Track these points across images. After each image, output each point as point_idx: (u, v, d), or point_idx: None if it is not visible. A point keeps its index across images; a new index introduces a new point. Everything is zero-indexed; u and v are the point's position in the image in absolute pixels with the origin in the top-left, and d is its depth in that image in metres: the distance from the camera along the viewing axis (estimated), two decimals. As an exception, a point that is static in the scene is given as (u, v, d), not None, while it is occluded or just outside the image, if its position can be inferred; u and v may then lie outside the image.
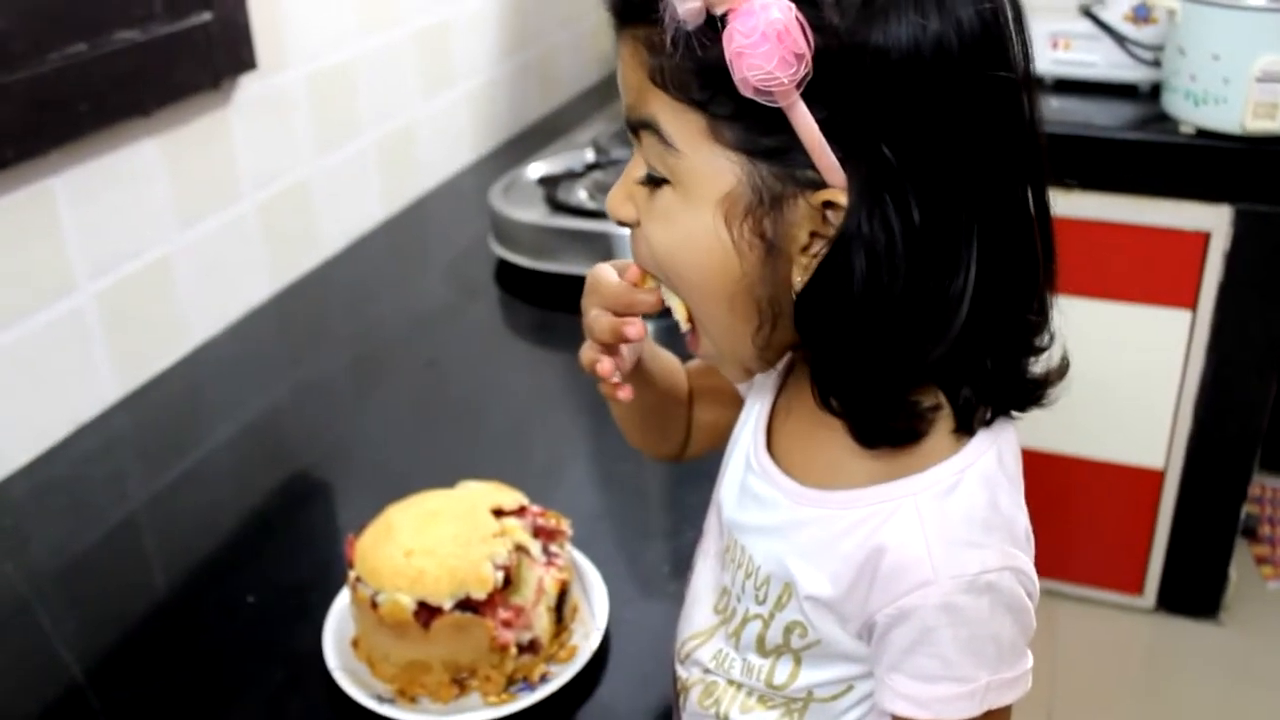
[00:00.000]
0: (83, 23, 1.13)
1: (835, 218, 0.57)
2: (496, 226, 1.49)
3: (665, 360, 0.83)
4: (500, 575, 0.81)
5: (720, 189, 0.59)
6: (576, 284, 1.36)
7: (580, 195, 1.52)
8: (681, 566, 0.94)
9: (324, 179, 1.54)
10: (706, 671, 0.74)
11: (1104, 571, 2.25)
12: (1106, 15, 2.11)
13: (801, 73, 0.53)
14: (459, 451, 1.15)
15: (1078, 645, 2.15)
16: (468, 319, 1.45)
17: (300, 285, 1.50)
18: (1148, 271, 2.02)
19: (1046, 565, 0.63)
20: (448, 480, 0.91)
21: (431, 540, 0.82)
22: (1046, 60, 2.18)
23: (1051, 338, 0.65)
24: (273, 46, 1.40)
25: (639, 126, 0.61)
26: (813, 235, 0.58)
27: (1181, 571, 2.20)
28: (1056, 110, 2.10)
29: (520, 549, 0.84)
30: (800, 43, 0.53)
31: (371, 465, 1.14)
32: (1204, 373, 2.03)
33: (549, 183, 1.53)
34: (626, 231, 0.67)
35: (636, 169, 0.63)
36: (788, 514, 0.67)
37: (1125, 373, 2.09)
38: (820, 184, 0.57)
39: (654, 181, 0.62)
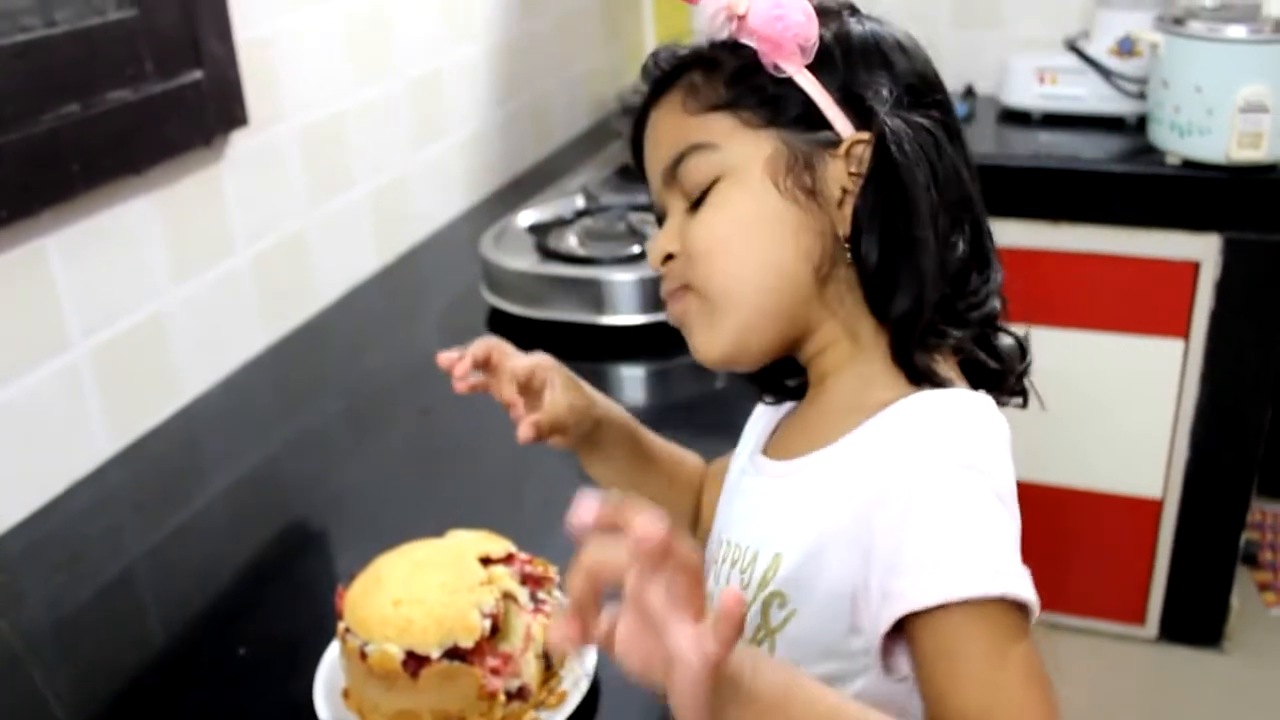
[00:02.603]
0: (75, 83, 1.15)
1: (863, 154, 0.69)
2: (488, 275, 1.51)
3: (664, 448, 0.94)
4: (488, 623, 0.81)
5: (761, 159, 0.70)
6: (568, 331, 1.38)
7: (571, 242, 1.53)
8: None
9: (317, 231, 1.56)
10: None
11: (1106, 602, 2.24)
12: (1091, 49, 2.14)
13: (810, 41, 0.69)
14: (452, 500, 1.16)
15: (1082, 677, 2.14)
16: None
17: (294, 337, 1.51)
18: (1140, 302, 2.03)
19: (1048, 598, 0.62)
20: (441, 529, 0.92)
21: (419, 590, 0.82)
22: (1034, 95, 2.21)
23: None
24: (264, 102, 1.42)
25: (676, 162, 0.72)
26: (845, 190, 0.69)
27: (1183, 600, 2.20)
28: (1045, 144, 2.12)
29: (508, 596, 0.84)
30: (808, 19, 0.69)
31: (365, 515, 1.15)
32: (1199, 401, 2.04)
33: (539, 230, 1.55)
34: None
35: (675, 216, 0.74)
36: (779, 484, 0.73)
37: (1121, 403, 2.10)
38: (839, 141, 0.69)
39: (703, 194, 0.71)
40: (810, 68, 0.70)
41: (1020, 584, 0.59)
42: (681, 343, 0.88)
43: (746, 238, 0.70)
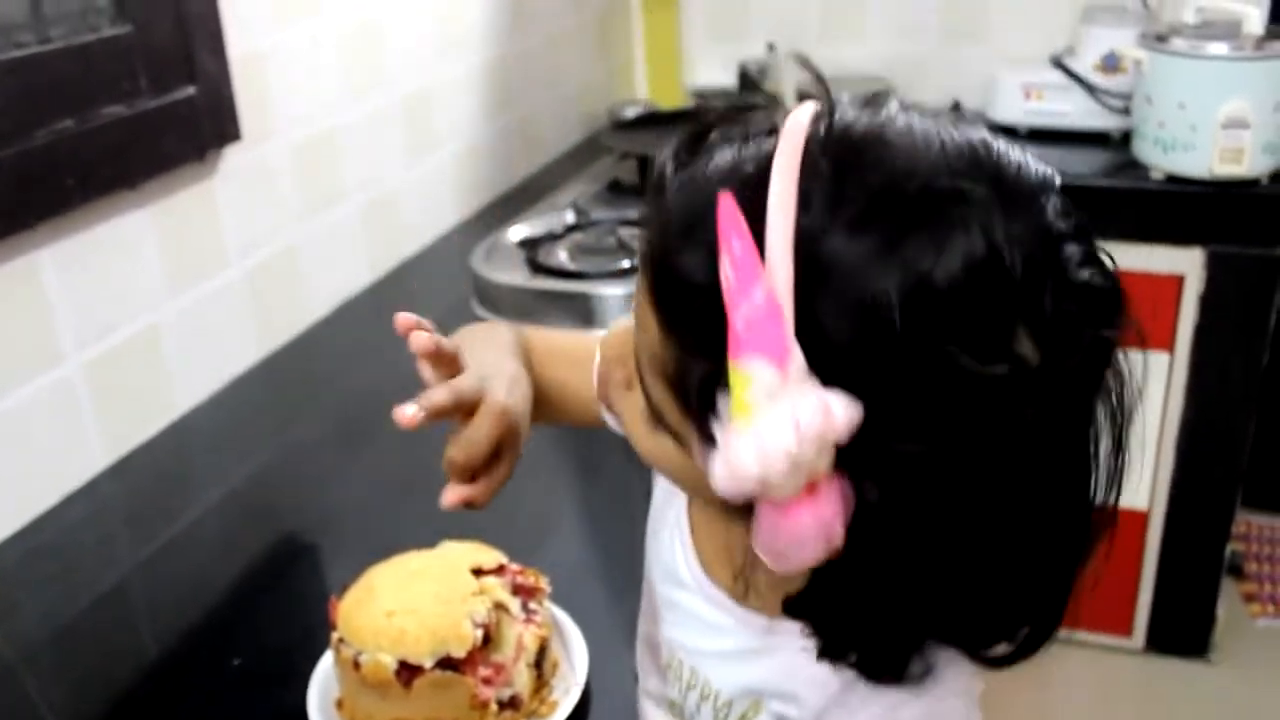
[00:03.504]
0: (70, 98, 1.16)
1: None
2: (479, 289, 1.52)
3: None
4: (480, 633, 0.82)
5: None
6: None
7: (561, 257, 1.54)
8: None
9: (309, 245, 1.57)
10: None
11: (1093, 614, 2.25)
12: (1077, 66, 2.17)
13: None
14: (443, 513, 1.17)
15: (1069, 688, 2.16)
16: (452, 379, 1.47)
17: (287, 350, 1.52)
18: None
19: None
20: (432, 541, 0.93)
21: (412, 600, 0.83)
22: (1021, 110, 2.23)
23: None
24: (257, 117, 1.43)
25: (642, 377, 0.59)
26: None
27: (1170, 612, 2.22)
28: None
29: (499, 607, 0.85)
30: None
31: (357, 528, 1.16)
32: (1184, 413, 2.06)
33: (530, 245, 1.56)
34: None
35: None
36: (747, 642, 0.66)
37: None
38: None
39: (655, 416, 0.59)
40: None
41: None
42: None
43: (681, 481, 0.64)
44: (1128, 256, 2.08)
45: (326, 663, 0.90)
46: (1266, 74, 1.86)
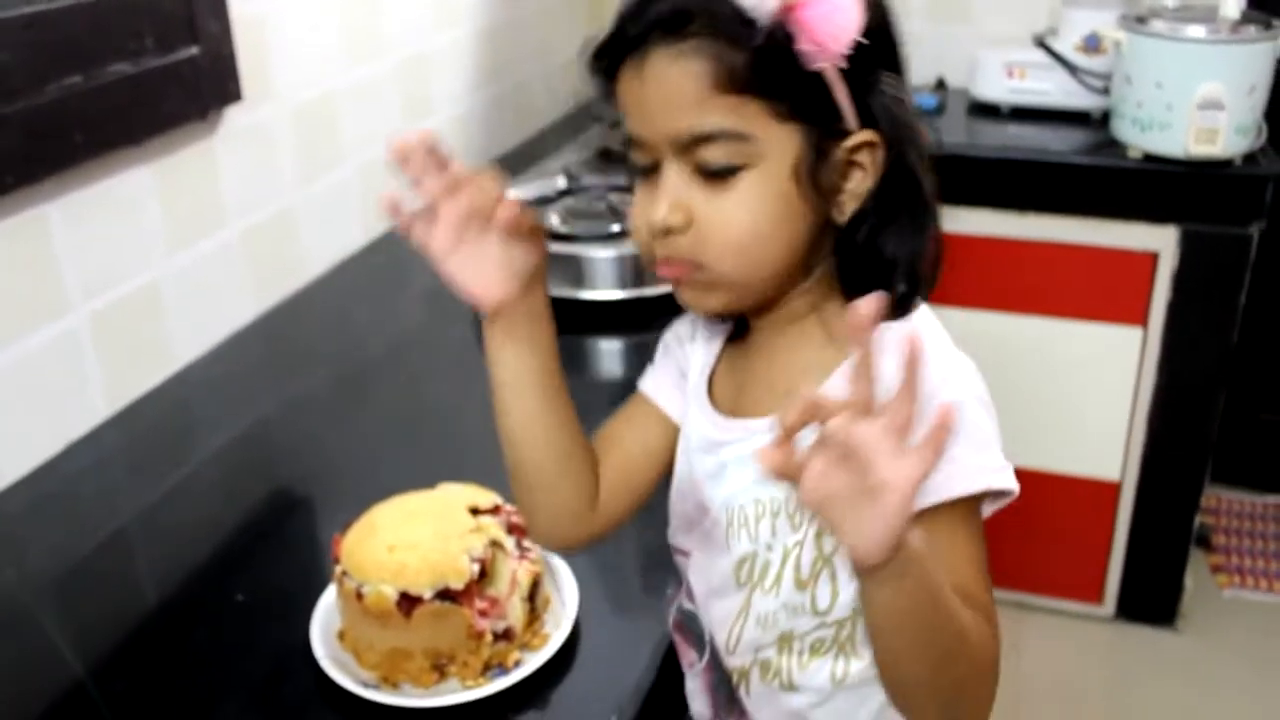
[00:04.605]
0: (78, 56, 1.19)
1: (875, 154, 0.72)
2: (472, 250, 1.55)
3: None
4: (476, 568, 0.87)
5: (791, 157, 0.71)
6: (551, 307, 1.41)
7: (553, 220, 1.58)
8: (647, 561, 1.00)
9: (307, 205, 1.61)
10: (758, 650, 0.81)
11: (1065, 582, 2.32)
12: (1059, 46, 2.20)
13: (850, 42, 0.68)
14: (439, 461, 1.21)
15: (1041, 654, 2.21)
16: (446, 338, 1.51)
17: (284, 307, 1.55)
18: (1100, 290, 2.10)
19: (1010, 577, 0.73)
20: (430, 484, 0.97)
21: (412, 536, 0.88)
22: (1003, 89, 2.27)
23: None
24: (257, 79, 1.46)
25: (701, 139, 0.70)
26: (844, 173, 0.73)
27: (1139, 581, 2.28)
28: (1013, 136, 2.19)
29: (495, 544, 0.90)
30: (857, 22, 0.68)
31: (355, 475, 1.20)
32: (1156, 387, 2.11)
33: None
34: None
35: (677, 178, 0.72)
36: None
37: (1081, 388, 2.17)
38: (843, 134, 0.71)
39: (723, 173, 0.71)
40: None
41: (1006, 476, 0.73)
42: (659, 318, 0.94)
43: (769, 237, 0.73)
44: (1104, 233, 2.14)
45: (328, 597, 0.94)
46: (1241, 57, 1.91)
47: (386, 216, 0.76)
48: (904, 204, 0.74)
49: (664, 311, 0.88)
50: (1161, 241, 2.03)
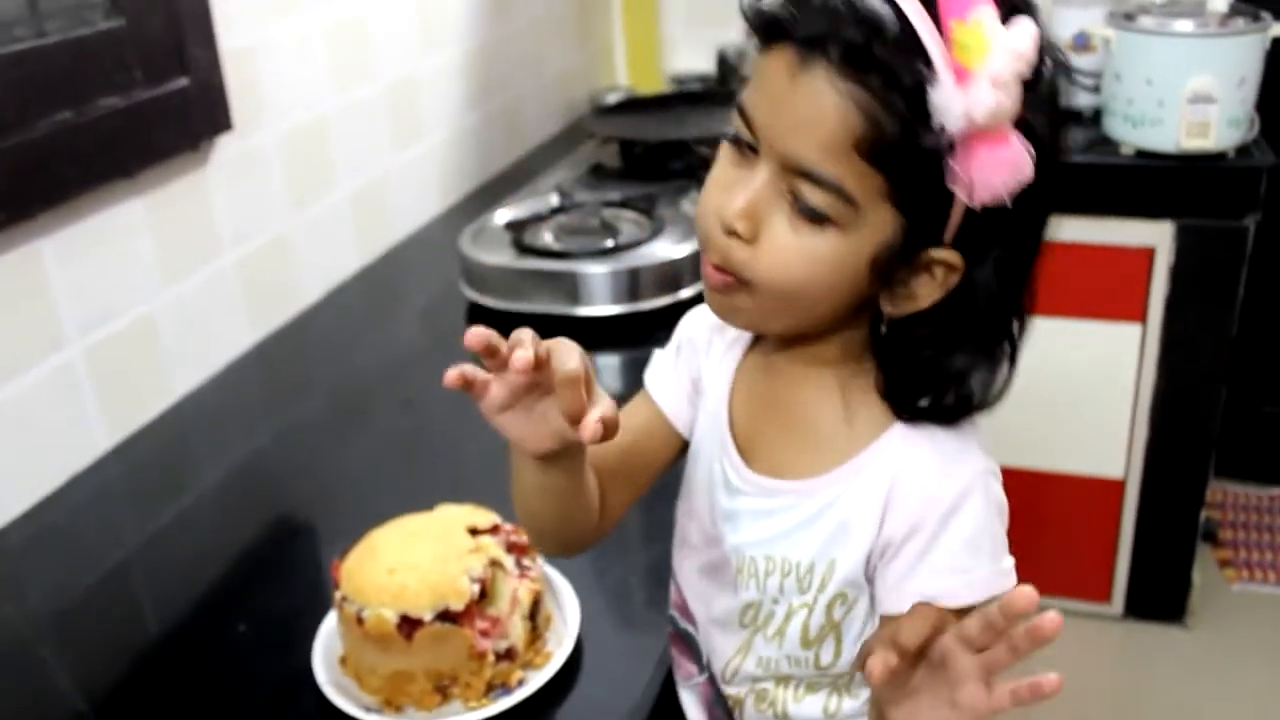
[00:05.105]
0: (66, 91, 1.20)
1: (946, 277, 0.70)
2: (467, 271, 1.56)
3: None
4: (476, 588, 0.87)
5: (881, 240, 0.69)
6: (544, 323, 1.42)
7: (546, 238, 1.58)
8: (648, 576, 1.00)
9: (300, 232, 1.61)
10: (755, 681, 0.83)
11: (1072, 581, 2.31)
12: (1047, 45, 2.20)
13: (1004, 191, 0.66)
14: (436, 485, 1.21)
15: (1050, 655, 2.18)
16: (442, 360, 1.50)
17: (280, 334, 1.56)
18: (1098, 288, 2.10)
19: (1017, 580, 0.74)
20: (429, 507, 0.97)
21: (412, 558, 0.88)
22: (993, 91, 2.27)
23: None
24: (248, 108, 1.47)
25: (814, 179, 0.67)
26: (914, 275, 0.71)
27: (1147, 578, 2.27)
28: (1003, 138, 2.18)
29: (495, 563, 0.90)
30: (1013, 188, 0.65)
31: (353, 501, 1.20)
32: (1157, 383, 2.11)
33: (516, 227, 1.60)
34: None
35: (768, 188, 0.70)
36: (809, 507, 0.77)
37: (1082, 386, 2.16)
38: (932, 242, 0.69)
39: (813, 217, 0.68)
40: None
41: (1003, 580, 0.74)
42: (652, 334, 0.94)
43: (821, 296, 0.71)
44: (1100, 230, 2.13)
45: (330, 623, 0.94)
46: (1230, 50, 1.91)
47: (448, 382, 0.72)
48: (975, 337, 0.73)
49: (658, 326, 0.88)
50: (1157, 237, 2.03)
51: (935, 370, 0.74)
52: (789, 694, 0.82)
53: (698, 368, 0.86)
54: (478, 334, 0.68)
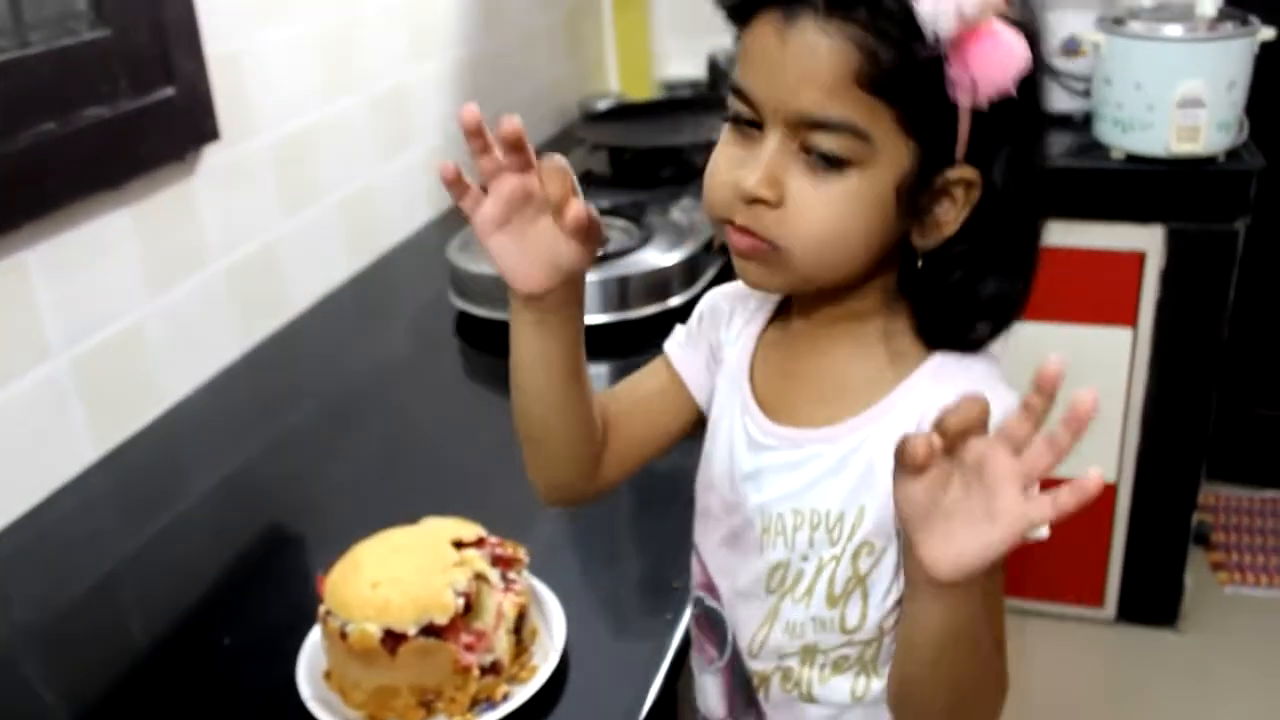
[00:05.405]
0: (51, 102, 1.19)
1: (970, 193, 0.72)
2: (455, 280, 1.56)
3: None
4: (461, 601, 0.86)
5: (900, 170, 0.70)
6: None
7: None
8: (633, 589, 1.00)
9: (289, 241, 1.61)
10: (781, 658, 0.82)
11: (1065, 585, 2.31)
12: (1037, 50, 2.21)
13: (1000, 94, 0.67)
14: (425, 493, 1.21)
15: (1044, 660, 2.21)
16: (430, 369, 1.51)
17: (269, 344, 1.55)
18: (1089, 292, 2.10)
19: (1010, 584, 0.73)
20: (415, 520, 0.97)
21: (396, 571, 0.87)
22: (983, 95, 2.27)
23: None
24: (235, 117, 1.47)
25: (825, 125, 0.69)
26: (936, 201, 0.72)
27: (1140, 582, 2.27)
28: (994, 143, 2.19)
29: (480, 577, 0.89)
30: (1015, 76, 0.66)
31: (341, 512, 1.19)
32: (1148, 387, 2.11)
33: (504, 234, 1.59)
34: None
35: (781, 151, 0.70)
36: (836, 453, 0.76)
37: (1073, 390, 2.16)
38: (948, 164, 0.71)
39: (831, 163, 0.69)
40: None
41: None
42: (644, 342, 0.93)
43: (855, 240, 0.72)
44: (1091, 235, 2.13)
45: (314, 637, 0.93)
46: (1219, 54, 1.91)
47: (443, 182, 0.74)
48: (1005, 252, 0.74)
49: (647, 335, 0.88)
50: (1148, 241, 2.03)
51: (968, 294, 0.74)
52: (814, 674, 0.81)
53: (718, 338, 0.87)
54: (471, 111, 0.72)
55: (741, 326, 0.86)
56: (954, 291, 0.75)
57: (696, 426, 0.88)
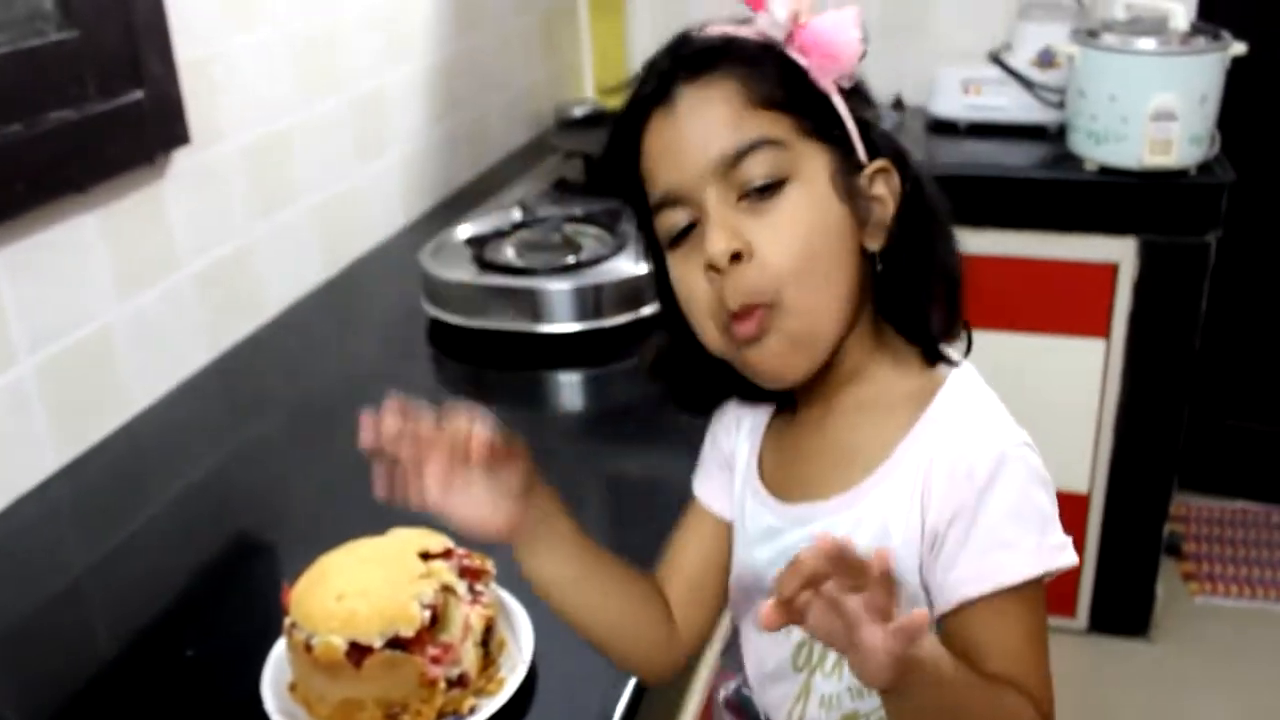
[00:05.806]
0: (17, 103, 1.17)
1: (892, 181, 0.75)
2: (428, 287, 1.54)
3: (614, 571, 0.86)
4: (428, 614, 0.85)
5: (824, 168, 0.73)
6: (505, 340, 1.41)
7: (508, 254, 1.57)
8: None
9: (260, 247, 1.59)
10: None
11: (1037, 596, 2.31)
12: (1014, 61, 2.22)
13: (854, 66, 0.74)
14: (393, 505, 1.19)
15: (1017, 669, 2.20)
16: (402, 377, 1.50)
17: (239, 350, 1.54)
18: (1062, 304, 2.11)
19: None
20: (382, 530, 0.96)
21: (362, 583, 0.86)
22: (959, 105, 2.28)
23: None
24: (206, 121, 1.45)
25: (744, 152, 0.72)
26: (871, 200, 0.75)
27: (1111, 592, 2.28)
28: (969, 152, 2.20)
29: (447, 589, 0.88)
30: (857, 45, 0.73)
31: (309, 521, 1.18)
32: (1120, 398, 2.12)
33: (477, 243, 1.59)
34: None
35: (725, 211, 0.73)
36: (851, 517, 0.76)
37: (1046, 402, 2.16)
38: (860, 165, 0.74)
39: (769, 188, 0.72)
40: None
41: (1067, 555, 0.72)
42: (614, 351, 0.92)
43: (824, 251, 0.73)
44: (1064, 246, 2.14)
45: (280, 649, 0.92)
46: (1192, 68, 1.92)
47: (381, 495, 0.79)
48: (927, 228, 0.76)
49: (621, 343, 0.87)
50: (1121, 253, 2.04)
51: (928, 275, 0.76)
52: None
53: (731, 448, 0.87)
54: (366, 438, 0.80)
55: (750, 430, 0.86)
56: (917, 280, 0.76)
57: None
